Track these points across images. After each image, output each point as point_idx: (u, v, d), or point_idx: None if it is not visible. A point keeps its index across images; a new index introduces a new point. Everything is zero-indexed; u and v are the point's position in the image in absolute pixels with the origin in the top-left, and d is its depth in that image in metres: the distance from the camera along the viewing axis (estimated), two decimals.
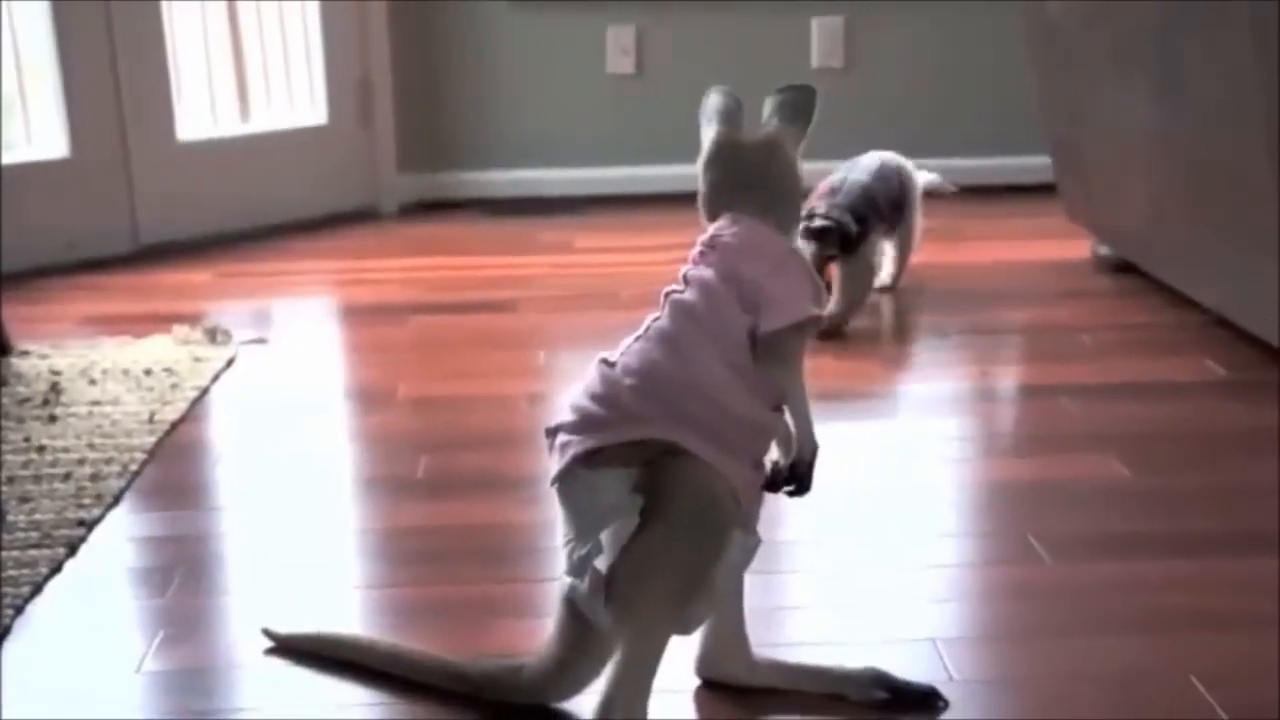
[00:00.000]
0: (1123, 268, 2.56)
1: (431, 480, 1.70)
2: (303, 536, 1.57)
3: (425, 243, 3.05)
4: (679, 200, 3.24)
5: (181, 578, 1.44)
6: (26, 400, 1.94)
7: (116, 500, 1.63)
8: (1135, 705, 1.19)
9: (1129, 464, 1.68)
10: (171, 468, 1.76)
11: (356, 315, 2.50)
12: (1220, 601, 1.35)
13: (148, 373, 2.07)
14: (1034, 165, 3.08)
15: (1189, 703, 1.18)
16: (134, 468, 1.71)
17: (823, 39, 3.37)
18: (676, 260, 2.73)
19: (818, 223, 2.19)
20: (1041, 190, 2.95)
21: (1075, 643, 1.28)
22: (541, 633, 1.20)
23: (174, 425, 1.87)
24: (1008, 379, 2.16)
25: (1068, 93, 2.56)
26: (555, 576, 1.18)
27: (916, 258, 2.53)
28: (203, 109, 3.11)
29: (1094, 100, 2.44)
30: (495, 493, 1.66)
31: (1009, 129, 3.30)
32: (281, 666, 1.28)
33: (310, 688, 1.25)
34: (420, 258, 2.90)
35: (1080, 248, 2.71)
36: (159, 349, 2.20)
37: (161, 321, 2.36)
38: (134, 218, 2.91)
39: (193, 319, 2.38)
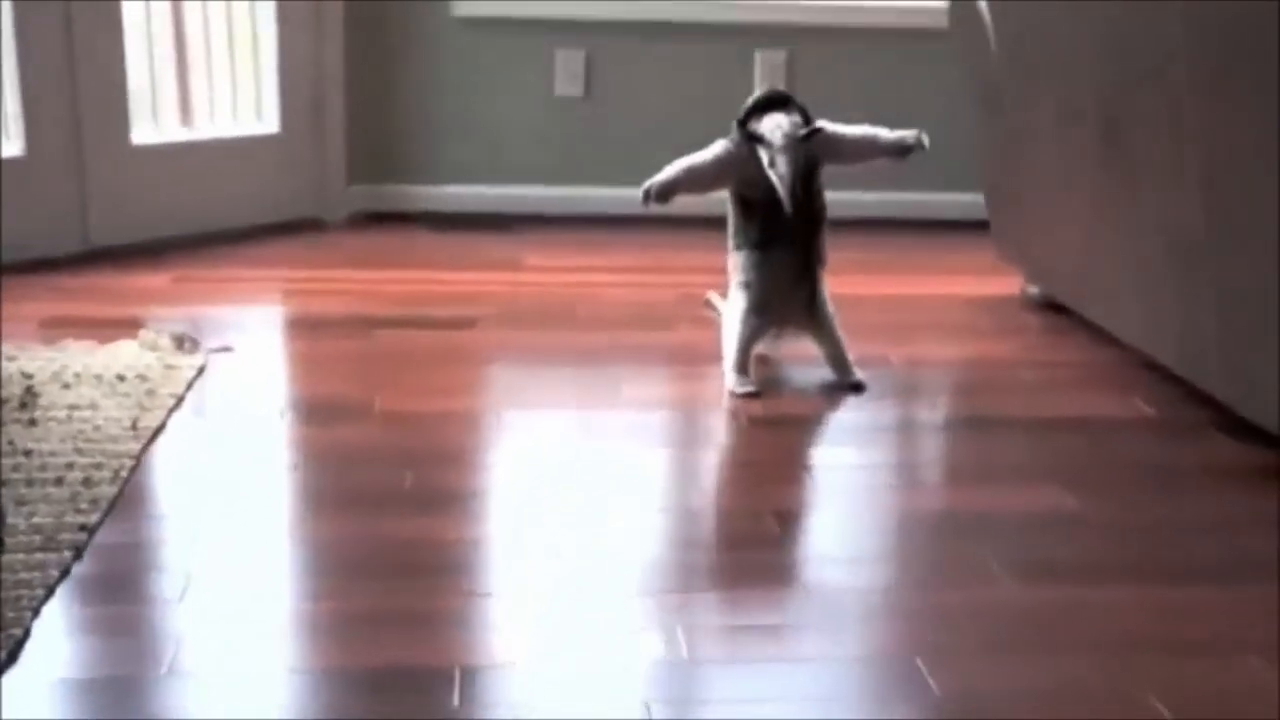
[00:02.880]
0: (1050, 306, 2.70)
1: (419, 495, 1.76)
2: (271, 547, 1.62)
3: (376, 255, 3.09)
4: (624, 222, 3.41)
5: (190, 583, 1.49)
6: (4, 403, 1.95)
7: (112, 505, 1.66)
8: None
9: (1075, 495, 1.80)
10: (160, 475, 1.80)
11: (320, 327, 2.53)
12: (1171, 628, 1.47)
13: (121, 378, 2.09)
14: (966, 202, 3.25)
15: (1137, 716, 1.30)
16: (124, 474, 1.75)
17: (766, 71, 3.50)
18: (628, 283, 2.91)
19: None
20: (973, 225, 3.11)
21: (1036, 660, 1.39)
22: (472, 642, 1.37)
23: (155, 433, 1.91)
24: (951, 411, 2.27)
25: (1005, 139, 2.71)
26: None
27: (853, 288, 2.66)
28: (162, 113, 3.12)
29: (1031, 149, 2.59)
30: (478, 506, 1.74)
31: (943, 165, 3.45)
32: (278, 674, 1.33)
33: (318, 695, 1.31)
34: (373, 270, 2.94)
35: (1009, 284, 2.86)
36: (127, 354, 2.22)
37: (123, 326, 2.38)
38: (84, 219, 2.91)
39: (154, 324, 2.40)
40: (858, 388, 2.21)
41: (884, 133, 2.26)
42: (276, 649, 1.39)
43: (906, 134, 2.25)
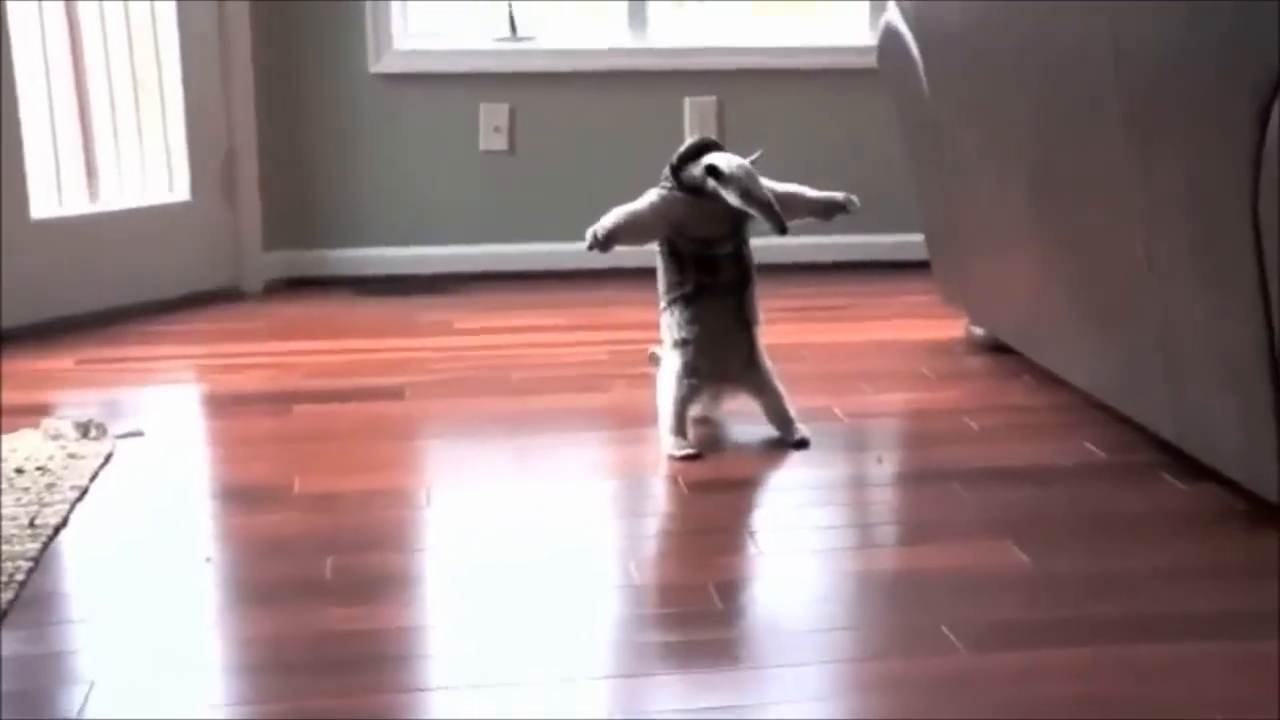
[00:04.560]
0: (996, 348, 2.70)
1: (342, 584, 1.71)
2: (196, 644, 1.56)
3: (297, 324, 3.04)
4: (553, 279, 3.39)
5: (88, 695, 1.42)
6: None
7: (4, 614, 1.59)
8: None
9: (1027, 550, 1.78)
10: (59, 577, 1.73)
11: (237, 404, 2.47)
12: (1130, 689, 1.44)
13: (19, 471, 2.02)
14: (906, 242, 3.25)
15: None
16: (20, 578, 1.67)
17: (696, 118, 3.50)
18: (561, 343, 2.89)
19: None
20: (914, 266, 3.12)
21: None
22: None
23: (56, 530, 1.84)
24: (898, 465, 2.25)
25: (943, 180, 2.71)
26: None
27: (792, 337, 2.70)
28: (63, 184, 3.07)
29: (969, 189, 2.59)
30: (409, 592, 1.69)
31: (881, 206, 3.44)
32: None
33: None
34: (295, 341, 2.89)
35: (953, 327, 2.85)
36: (27, 445, 2.14)
37: (23, 414, 2.31)
38: None
39: (58, 410, 2.33)
40: (801, 444, 2.19)
41: (810, 191, 2.26)
42: None
43: (835, 194, 2.25)
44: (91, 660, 1.52)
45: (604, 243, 2.15)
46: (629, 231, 2.18)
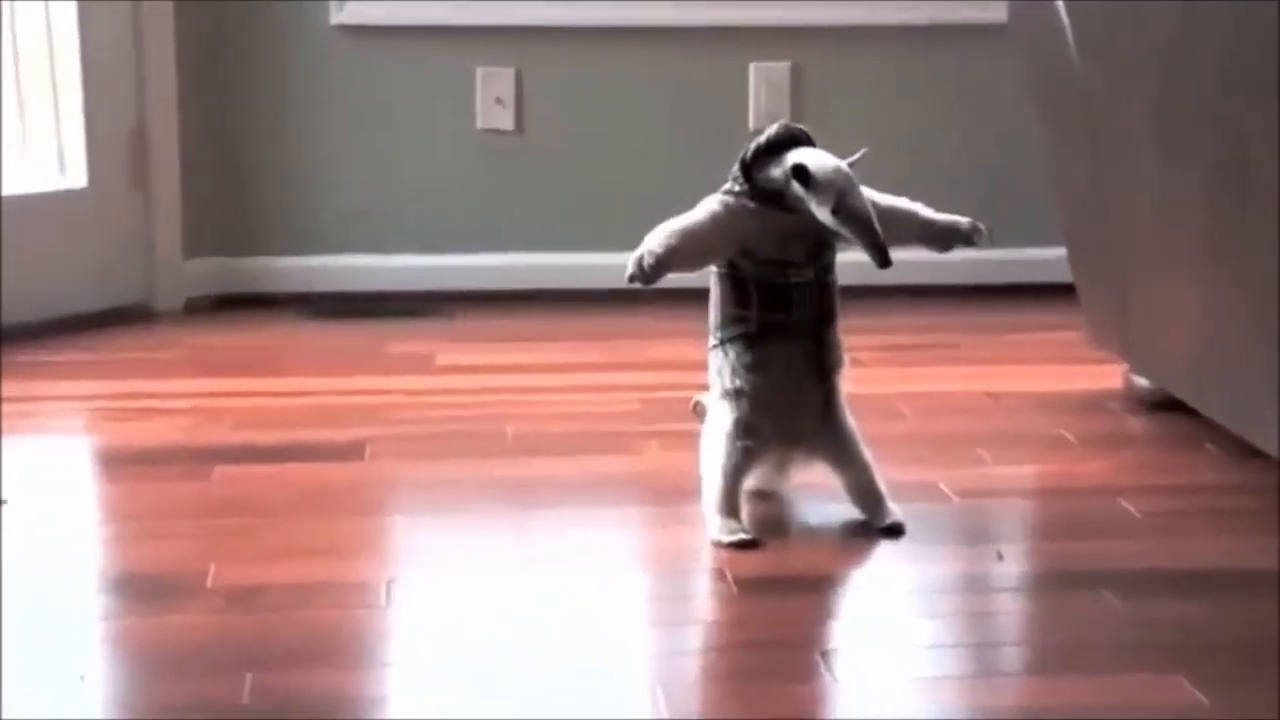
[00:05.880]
0: (1165, 405, 2.67)
1: (264, 709, 1.68)
2: None
3: (226, 356, 3.08)
4: (570, 300, 3.40)
5: None
6: None
7: None
8: None
9: (1203, 687, 1.73)
10: None
11: (139, 464, 2.49)
12: None
13: None
14: (1041, 259, 3.22)
15: None
16: None
17: (763, 91, 3.48)
18: (576, 387, 2.89)
19: None
20: (1052, 291, 3.10)
21: None
22: None
23: None
24: (1029, 563, 2.23)
25: (1094, 174, 2.69)
26: None
27: (885, 385, 2.77)
28: None
29: (1130, 185, 2.58)
30: None
31: (1009, 211, 3.42)
32: None
33: None
34: (221, 378, 2.93)
35: (1109, 375, 2.84)
36: None
37: None
38: None
39: None
40: (895, 531, 2.17)
41: (924, 210, 2.23)
42: None
43: (959, 219, 2.22)
44: None
45: (653, 272, 2.11)
46: (685, 254, 2.15)
